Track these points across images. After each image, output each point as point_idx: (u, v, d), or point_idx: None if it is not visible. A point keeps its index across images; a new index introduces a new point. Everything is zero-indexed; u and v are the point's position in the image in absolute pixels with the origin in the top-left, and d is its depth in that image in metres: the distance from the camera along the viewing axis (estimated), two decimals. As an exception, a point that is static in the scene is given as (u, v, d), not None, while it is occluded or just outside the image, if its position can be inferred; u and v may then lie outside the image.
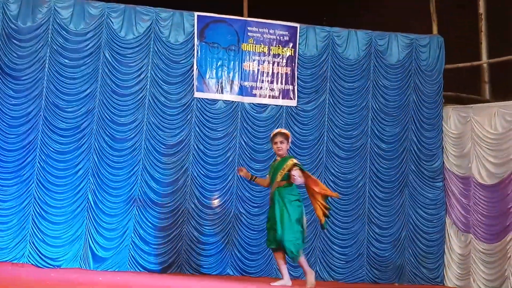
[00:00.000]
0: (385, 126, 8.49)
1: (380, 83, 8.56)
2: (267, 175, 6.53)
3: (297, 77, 8.34)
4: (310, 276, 6.14)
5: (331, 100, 8.39)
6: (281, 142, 6.34)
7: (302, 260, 6.17)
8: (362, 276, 8.12)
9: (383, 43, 8.65)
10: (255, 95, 8.22)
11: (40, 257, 7.16)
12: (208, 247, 7.71)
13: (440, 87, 8.75)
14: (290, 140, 6.46)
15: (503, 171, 8.06)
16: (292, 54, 8.39)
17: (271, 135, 6.52)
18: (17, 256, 7.11)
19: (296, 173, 6.11)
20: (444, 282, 8.36)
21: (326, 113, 8.36)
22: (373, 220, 8.28)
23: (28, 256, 7.14)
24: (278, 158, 6.37)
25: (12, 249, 7.11)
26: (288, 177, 6.18)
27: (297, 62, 8.36)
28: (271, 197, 6.29)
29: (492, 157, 8.20)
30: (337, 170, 8.28)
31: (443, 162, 8.60)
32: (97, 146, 7.56)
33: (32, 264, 7.11)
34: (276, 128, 6.93)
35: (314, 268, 7.98)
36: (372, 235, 8.25)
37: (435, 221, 8.46)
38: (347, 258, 8.11)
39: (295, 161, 6.27)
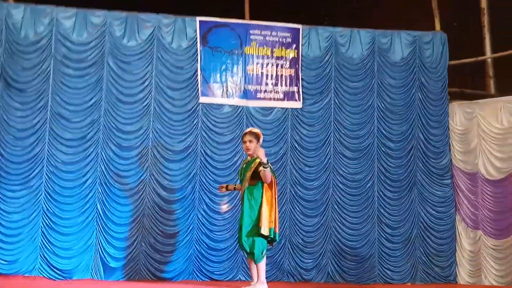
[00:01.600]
0: (392, 125, 8.47)
1: (385, 81, 8.53)
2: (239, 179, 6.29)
3: (302, 79, 8.31)
4: (259, 286, 5.89)
5: (337, 101, 8.37)
6: (250, 142, 6.08)
7: (262, 265, 5.92)
8: (374, 277, 8.08)
9: (386, 41, 8.62)
10: (260, 98, 8.20)
11: (51, 269, 7.14)
12: (219, 253, 7.68)
13: (445, 84, 8.73)
14: (261, 140, 6.15)
15: (510, 166, 8.08)
16: (296, 56, 8.36)
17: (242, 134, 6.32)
18: (28, 268, 7.11)
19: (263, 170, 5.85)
20: (457, 280, 8.33)
21: (332, 113, 8.33)
22: (383, 220, 8.25)
23: (39, 268, 7.13)
24: (249, 158, 6.14)
25: (23, 262, 7.10)
26: (257, 176, 5.94)
27: (301, 64, 8.33)
28: (241, 196, 6.05)
29: (498, 152, 8.20)
30: (345, 170, 8.25)
31: (451, 159, 8.57)
32: (104, 156, 7.54)
33: (43, 276, 7.11)
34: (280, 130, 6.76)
35: (325, 270, 7.98)
36: (383, 235, 8.22)
37: (445, 218, 8.43)
38: (359, 259, 8.07)
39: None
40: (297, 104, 8.27)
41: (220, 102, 8.05)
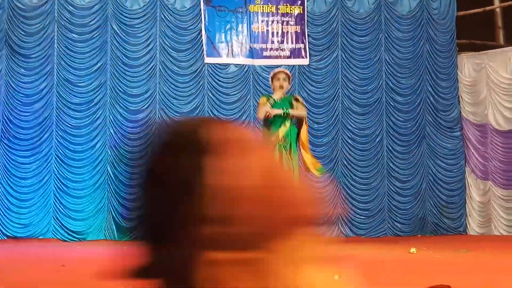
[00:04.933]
0: (400, 79, 8.40)
1: (393, 35, 8.43)
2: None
3: (308, 35, 8.23)
4: None
5: (344, 56, 8.30)
6: (284, 80, 5.67)
7: None
8: (384, 230, 8.15)
9: (392, -6, 8.49)
10: (266, 57, 8.14)
11: (65, 231, 7.28)
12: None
13: (453, 35, 8.62)
14: (291, 82, 5.90)
15: (520, 116, 8.00)
16: (301, 12, 8.26)
17: (273, 72, 5.85)
18: (42, 231, 7.24)
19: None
20: (467, 230, 8.38)
21: (339, 69, 8.28)
22: (392, 174, 8.27)
23: (53, 231, 7.27)
24: (278, 97, 5.56)
25: (36, 225, 7.24)
26: None
27: (307, 20, 8.24)
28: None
29: (508, 102, 8.15)
30: (353, 126, 8.24)
31: (460, 111, 8.52)
32: (112, 119, 7.58)
33: (57, 238, 7.24)
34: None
35: (336, 225, 8.04)
36: (393, 188, 8.25)
37: (455, 170, 8.44)
38: (369, 213, 8.13)
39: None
40: (304, 61, 8.22)
41: (226, 62, 8.01)
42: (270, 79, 5.95)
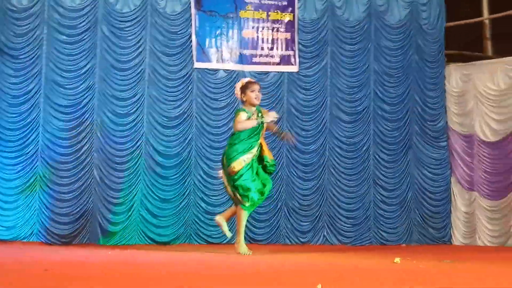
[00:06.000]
0: (388, 88, 8.45)
1: (382, 44, 8.48)
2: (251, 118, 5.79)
3: (298, 42, 8.26)
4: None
5: (333, 64, 8.33)
6: (259, 91, 5.84)
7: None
8: (369, 238, 8.18)
9: (382, 3, 8.54)
10: (255, 63, 8.16)
11: (49, 234, 7.22)
12: (216, 217, 7.74)
13: (441, 46, 8.70)
14: None
15: (506, 128, 8.09)
16: (292, 19, 8.29)
17: (243, 82, 5.87)
18: (26, 234, 7.18)
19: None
20: (451, 241, 8.43)
21: (328, 77, 8.31)
22: (378, 182, 8.30)
23: (37, 234, 7.21)
24: (253, 109, 5.79)
25: (20, 228, 7.17)
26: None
27: (297, 27, 8.27)
28: (256, 152, 5.86)
29: (495, 114, 8.20)
30: (341, 134, 8.27)
31: (447, 122, 8.58)
32: (99, 122, 7.54)
33: (41, 241, 7.18)
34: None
35: (321, 233, 8.06)
36: (378, 197, 8.28)
37: (440, 180, 8.49)
38: (354, 221, 8.16)
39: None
40: (293, 68, 8.24)
41: (215, 67, 8.01)
42: (238, 88, 5.88)
